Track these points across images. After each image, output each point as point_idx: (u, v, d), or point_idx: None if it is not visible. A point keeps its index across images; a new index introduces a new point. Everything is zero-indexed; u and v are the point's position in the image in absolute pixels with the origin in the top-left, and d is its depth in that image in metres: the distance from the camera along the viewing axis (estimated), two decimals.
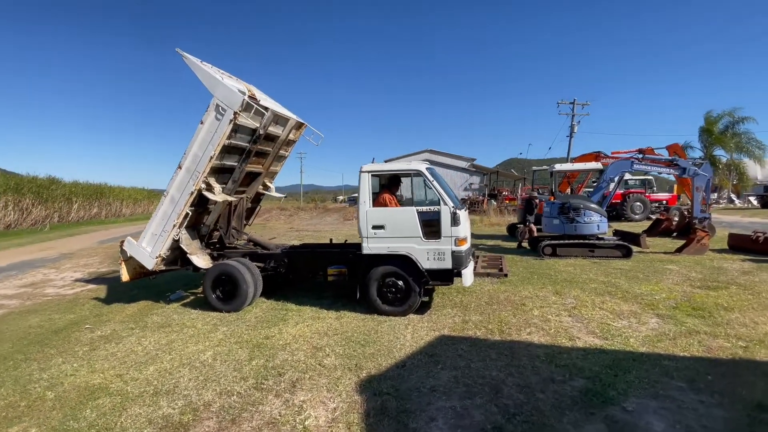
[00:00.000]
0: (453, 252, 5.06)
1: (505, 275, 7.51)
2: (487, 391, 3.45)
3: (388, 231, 5.23)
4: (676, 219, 12.81)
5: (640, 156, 10.13)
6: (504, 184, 40.53)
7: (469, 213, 23.06)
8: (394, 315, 5.34)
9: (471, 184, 32.63)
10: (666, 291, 6.24)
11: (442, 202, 5.07)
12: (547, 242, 9.63)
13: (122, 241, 6.43)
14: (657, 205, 18.53)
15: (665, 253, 9.52)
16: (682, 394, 3.28)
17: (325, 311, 5.75)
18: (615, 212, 18.00)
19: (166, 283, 7.92)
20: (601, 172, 10.76)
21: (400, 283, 5.27)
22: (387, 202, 5.45)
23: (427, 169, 5.35)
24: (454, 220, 5.00)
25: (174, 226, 5.97)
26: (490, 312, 5.46)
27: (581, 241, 9.45)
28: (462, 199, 27.79)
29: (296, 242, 9.39)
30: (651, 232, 12.39)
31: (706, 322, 4.84)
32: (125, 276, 6.54)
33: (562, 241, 9.54)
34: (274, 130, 6.53)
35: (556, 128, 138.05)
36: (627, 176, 19.96)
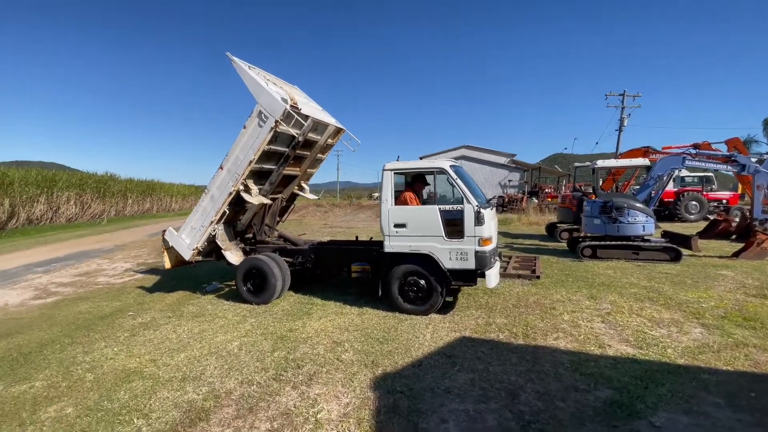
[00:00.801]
0: (476, 252, 4.93)
1: (537, 277, 7.17)
2: (503, 395, 3.35)
3: (410, 229, 5.20)
4: (737, 220, 11.70)
5: (694, 151, 9.33)
6: (547, 181, 38.89)
7: (507, 211, 22.42)
8: (416, 314, 5.30)
9: (510, 180, 31.57)
10: (716, 299, 5.73)
11: (465, 201, 4.96)
12: (587, 243, 9.14)
13: (164, 231, 6.87)
14: (716, 204, 17.00)
15: (720, 257, 8.74)
16: (719, 410, 3.01)
17: (348, 307, 5.83)
18: (667, 212, 16.77)
19: (204, 274, 8.37)
20: (648, 168, 10.04)
21: (422, 282, 5.22)
22: (408, 201, 5.41)
23: (451, 166, 5.24)
24: (478, 220, 4.87)
25: (212, 222, 6.30)
26: (516, 315, 5.28)
27: (624, 242, 8.89)
28: (499, 196, 27.02)
29: (327, 238, 9.57)
30: (706, 233, 11.41)
31: (757, 334, 4.39)
32: (167, 264, 6.97)
33: (603, 242, 9.03)
34: (312, 136, 6.72)
35: (604, 122, 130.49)
36: (684, 173, 18.56)
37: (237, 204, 6.43)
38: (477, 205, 4.91)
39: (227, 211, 6.32)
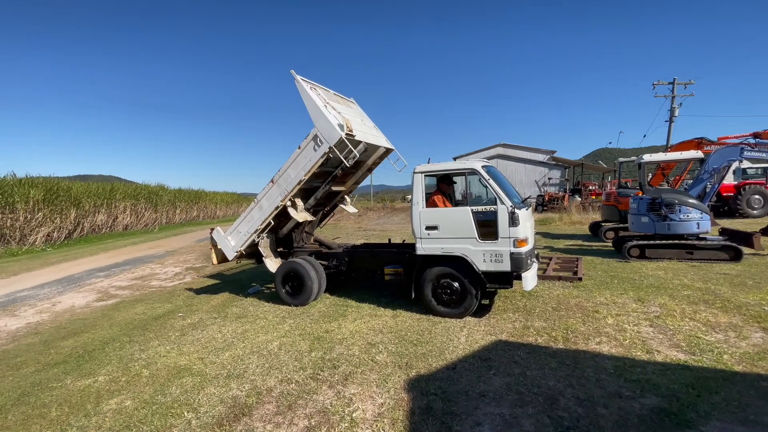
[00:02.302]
0: (512, 253, 4.83)
1: (579, 279, 6.93)
2: (541, 401, 3.26)
3: (442, 231, 5.18)
4: None
5: (753, 141, 8.58)
6: (591, 178, 37.06)
7: (548, 211, 21.60)
8: (450, 317, 5.27)
9: (549, 178, 30.44)
10: None
11: (499, 201, 4.88)
12: (634, 243, 8.66)
13: (212, 229, 7.31)
14: None
15: None
16: None
17: (383, 309, 5.89)
18: (726, 207, 15.51)
19: (246, 278, 8.77)
20: (702, 161, 9.34)
21: (456, 284, 5.18)
22: (438, 203, 5.39)
23: (483, 167, 5.17)
24: (513, 220, 4.77)
25: (257, 230, 6.65)
26: (555, 318, 5.11)
27: (676, 241, 8.33)
28: (538, 195, 26.12)
29: (361, 241, 9.71)
30: None
31: None
32: (214, 260, 7.35)
33: (652, 242, 8.51)
34: (362, 157, 6.86)
35: (652, 113, 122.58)
36: (745, 164, 17.06)
37: (282, 215, 6.68)
38: (511, 206, 4.82)
39: (272, 223, 6.61)
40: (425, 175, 5.39)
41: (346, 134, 5.74)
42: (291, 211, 6.39)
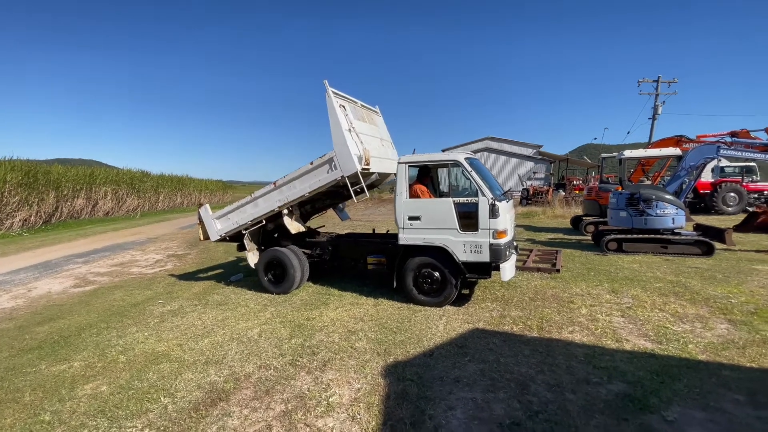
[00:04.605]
0: (491, 245, 4.92)
1: (557, 270, 7.11)
2: (512, 386, 3.36)
3: (424, 222, 5.23)
4: None
5: (729, 140, 8.84)
6: (575, 173, 37.65)
7: (532, 204, 21.87)
8: (430, 305, 5.35)
9: (535, 172, 30.82)
10: (747, 294, 5.47)
11: (480, 193, 4.94)
12: (612, 236, 8.88)
13: (200, 205, 7.22)
14: (756, 196, 16.03)
15: (757, 251, 8.30)
16: (738, 407, 2.92)
17: (365, 298, 5.95)
18: (703, 204, 15.99)
19: (230, 266, 8.72)
20: (680, 159, 9.59)
21: (436, 274, 5.26)
22: (419, 194, 5.43)
23: (466, 159, 5.22)
24: (493, 212, 4.84)
25: (246, 224, 6.60)
26: (532, 308, 5.24)
27: (652, 235, 8.57)
28: (523, 189, 26.45)
29: (346, 231, 9.71)
30: (744, 227, 10.75)
31: None
32: (202, 236, 7.27)
33: (629, 236, 8.74)
34: (370, 181, 6.62)
35: (637, 110, 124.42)
36: (723, 162, 17.55)
37: (274, 218, 6.56)
38: (492, 198, 4.88)
39: (263, 222, 6.54)
40: (409, 166, 5.41)
41: (362, 168, 5.55)
42: (286, 219, 6.29)
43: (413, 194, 5.41)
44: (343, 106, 5.75)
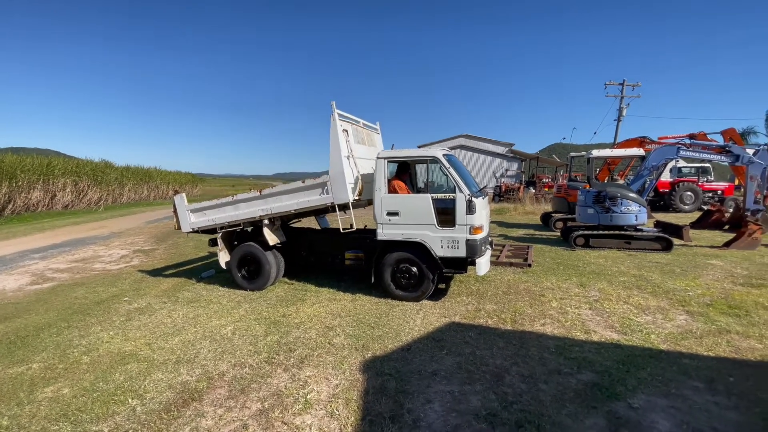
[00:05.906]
0: (467, 240, 4.99)
1: (529, 265, 7.32)
2: (488, 378, 3.44)
3: (403, 218, 5.25)
4: (730, 211, 11.79)
5: (688, 142, 9.35)
6: (545, 171, 38.86)
7: (504, 201, 22.38)
8: (407, 300, 5.39)
9: (507, 170, 31.57)
10: (703, 287, 5.83)
11: (457, 190, 5.00)
12: (580, 232, 9.23)
13: (176, 192, 6.93)
14: (710, 195, 17.09)
15: (711, 247, 8.84)
16: (697, 394, 3.11)
17: (342, 293, 5.92)
18: (662, 202, 16.86)
19: (201, 262, 8.44)
20: (643, 159, 10.07)
21: (414, 269, 5.30)
22: (397, 189, 5.44)
23: (444, 155, 5.26)
24: (470, 209, 4.92)
25: (222, 225, 6.41)
26: (505, 302, 5.38)
27: (617, 232, 8.98)
28: (496, 186, 27.03)
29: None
30: (699, 224, 11.51)
31: (741, 321, 4.50)
32: (177, 226, 6.98)
33: (595, 232, 9.12)
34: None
35: (603, 112, 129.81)
36: (681, 163, 18.57)
37: (253, 224, 6.40)
38: (469, 194, 4.96)
39: (241, 225, 6.37)
40: (388, 161, 5.40)
41: (355, 199, 5.52)
42: (266, 229, 6.07)
43: (391, 190, 5.41)
44: (346, 131, 5.62)
